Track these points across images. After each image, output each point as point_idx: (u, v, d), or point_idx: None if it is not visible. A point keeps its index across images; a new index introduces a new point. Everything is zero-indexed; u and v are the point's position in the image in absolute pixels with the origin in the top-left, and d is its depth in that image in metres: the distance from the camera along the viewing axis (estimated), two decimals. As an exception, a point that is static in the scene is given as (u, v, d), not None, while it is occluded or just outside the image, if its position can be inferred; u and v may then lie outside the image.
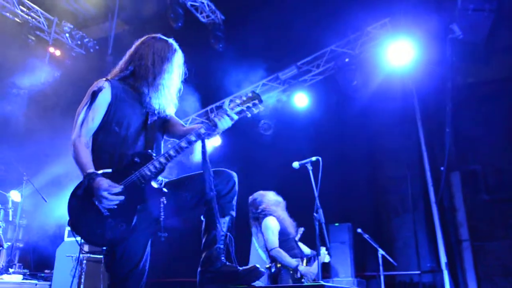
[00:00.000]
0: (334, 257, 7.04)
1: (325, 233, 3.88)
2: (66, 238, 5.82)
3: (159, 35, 2.67)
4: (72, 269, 5.03)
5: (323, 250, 4.22)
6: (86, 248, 5.38)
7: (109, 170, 2.24)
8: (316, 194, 4.03)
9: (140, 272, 2.30)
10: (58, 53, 9.82)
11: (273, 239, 4.23)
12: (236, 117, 2.43)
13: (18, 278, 4.89)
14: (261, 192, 4.71)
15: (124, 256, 2.25)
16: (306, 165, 4.12)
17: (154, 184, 2.29)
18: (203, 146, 2.39)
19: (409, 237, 7.92)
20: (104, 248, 2.24)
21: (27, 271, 5.73)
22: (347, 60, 8.33)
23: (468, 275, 7.12)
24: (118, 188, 2.17)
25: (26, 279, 4.90)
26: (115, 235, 2.14)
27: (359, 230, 6.52)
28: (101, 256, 5.66)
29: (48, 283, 5.45)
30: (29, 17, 9.65)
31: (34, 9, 9.66)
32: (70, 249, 5.42)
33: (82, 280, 4.93)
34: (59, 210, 6.88)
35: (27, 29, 9.62)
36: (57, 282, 5.21)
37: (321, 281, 3.68)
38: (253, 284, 2.25)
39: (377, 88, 8.11)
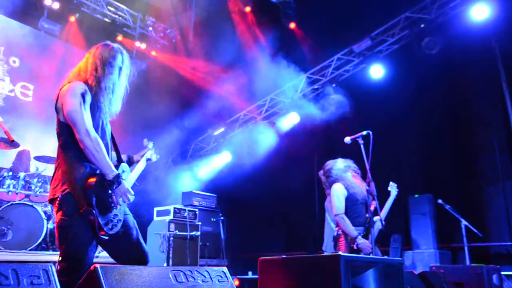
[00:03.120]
0: (415, 229, 6.96)
1: (378, 205, 3.95)
2: (155, 218, 6.43)
3: (104, 42, 2.80)
4: (160, 245, 5.62)
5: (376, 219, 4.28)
6: (172, 227, 5.96)
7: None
8: (367, 167, 4.06)
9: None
10: (143, 46, 10.50)
11: (338, 205, 4.35)
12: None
13: (105, 254, 5.57)
14: (329, 161, 4.81)
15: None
16: (357, 139, 4.15)
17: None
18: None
19: (501, 207, 7.54)
20: (107, 236, 2.47)
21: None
22: (422, 26, 8.00)
23: None
24: (133, 195, 2.59)
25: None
26: (119, 228, 2.53)
27: (439, 201, 6.37)
28: (186, 233, 6.22)
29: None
30: (116, 16, 10.44)
31: (120, 8, 10.42)
32: (158, 227, 6.04)
33: (171, 255, 5.48)
34: (149, 194, 7.61)
35: (115, 28, 10.43)
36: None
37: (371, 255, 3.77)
38: None
39: (457, 51, 7.70)
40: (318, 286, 2.15)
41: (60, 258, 2.36)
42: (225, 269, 2.13)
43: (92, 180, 2.39)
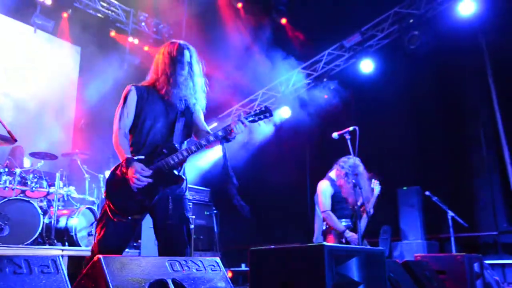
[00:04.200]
0: (403, 220, 7.16)
1: (364, 199, 4.12)
2: (150, 211, 6.54)
3: (171, 41, 3.02)
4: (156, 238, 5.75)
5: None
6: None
7: (142, 157, 2.74)
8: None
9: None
10: (136, 41, 10.56)
11: (324, 201, 4.54)
12: (248, 124, 2.78)
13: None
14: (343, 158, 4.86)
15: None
16: (344, 135, 4.31)
17: (175, 171, 2.75)
18: (223, 148, 2.84)
19: (488, 199, 7.75)
20: (130, 217, 2.70)
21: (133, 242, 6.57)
22: (411, 21, 8.16)
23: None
24: (148, 172, 2.68)
25: (127, 249, 5.70)
26: (139, 208, 2.68)
27: (427, 193, 6.55)
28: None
29: (138, 251, 6.25)
30: (109, 11, 10.48)
31: (113, 3, 10.46)
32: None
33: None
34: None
35: (108, 23, 10.48)
36: (145, 250, 5.99)
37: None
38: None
39: (445, 46, 7.87)
40: (305, 274, 2.30)
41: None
42: (217, 259, 2.27)
43: (107, 174, 2.72)
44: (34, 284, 1.52)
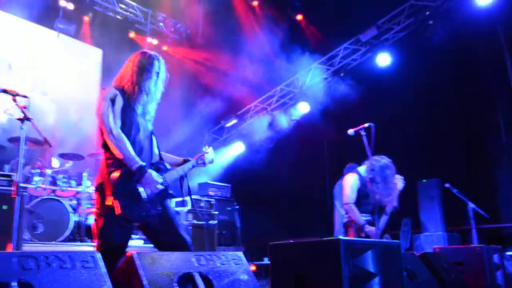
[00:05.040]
0: (423, 213, 7.20)
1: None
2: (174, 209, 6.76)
3: (141, 50, 3.09)
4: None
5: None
6: (190, 217, 6.30)
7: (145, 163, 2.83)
8: (369, 157, 4.33)
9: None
10: (155, 42, 10.79)
11: (350, 194, 4.64)
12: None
13: (139, 242, 5.94)
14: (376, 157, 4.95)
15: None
16: (360, 131, 4.40)
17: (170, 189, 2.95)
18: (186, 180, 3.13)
19: (509, 189, 7.71)
20: (135, 223, 2.80)
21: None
22: (427, 13, 8.16)
23: None
24: (161, 179, 2.80)
25: (146, 243, 5.91)
26: (145, 216, 2.74)
27: (447, 185, 6.58)
28: (203, 223, 6.56)
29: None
30: (128, 13, 10.72)
31: (131, 4, 10.69)
32: (177, 217, 6.37)
33: (190, 243, 5.82)
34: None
35: (127, 25, 10.73)
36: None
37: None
38: None
39: (462, 37, 7.83)
40: (322, 266, 2.44)
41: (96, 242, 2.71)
42: (240, 253, 2.42)
43: (116, 174, 2.70)
44: (77, 278, 1.70)
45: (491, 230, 7.31)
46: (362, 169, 4.89)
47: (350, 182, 4.74)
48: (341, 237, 2.38)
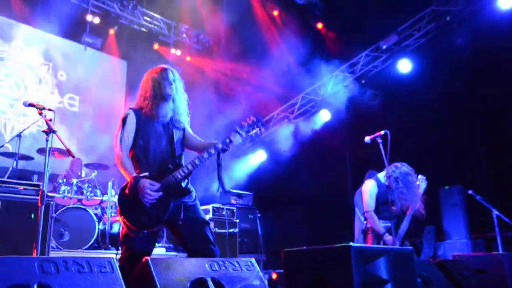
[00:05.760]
0: (447, 220, 7.10)
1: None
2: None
3: (157, 68, 3.24)
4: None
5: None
6: (212, 225, 6.39)
7: (147, 173, 2.94)
8: (386, 164, 4.34)
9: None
10: (178, 53, 11.01)
11: (369, 201, 4.65)
12: (245, 135, 3.10)
13: (161, 250, 6.08)
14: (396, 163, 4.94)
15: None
16: (376, 139, 4.41)
17: (182, 184, 3.02)
18: (219, 159, 3.08)
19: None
20: (146, 231, 2.90)
21: (171, 245, 6.95)
22: (448, 18, 8.10)
23: None
24: (157, 186, 2.90)
25: (168, 251, 6.05)
26: (154, 222, 2.88)
27: (470, 192, 6.49)
28: (225, 231, 6.65)
29: (185, 254, 6.59)
30: (152, 25, 11.00)
31: (155, 17, 10.97)
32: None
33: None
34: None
35: (152, 37, 11.00)
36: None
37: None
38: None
39: (484, 42, 7.73)
40: (334, 273, 2.48)
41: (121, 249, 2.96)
42: (252, 259, 2.50)
43: (122, 189, 2.99)
44: (94, 282, 1.81)
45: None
46: (381, 175, 4.90)
47: (368, 189, 4.77)
48: (352, 243, 2.43)
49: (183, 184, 3.03)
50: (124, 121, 3.08)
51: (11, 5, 8.50)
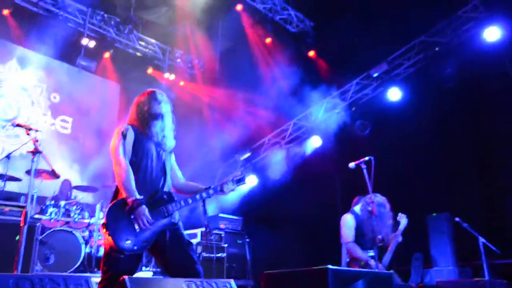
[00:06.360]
0: (434, 247, 7.12)
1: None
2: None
3: (146, 90, 3.35)
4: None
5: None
6: (199, 249, 6.37)
7: (141, 197, 2.95)
8: (370, 190, 4.40)
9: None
10: (172, 77, 11.13)
11: (349, 233, 4.72)
12: (235, 188, 3.30)
13: (148, 274, 6.03)
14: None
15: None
16: (360, 164, 4.49)
17: (171, 218, 3.06)
18: (204, 204, 3.23)
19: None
20: (126, 253, 2.87)
21: (159, 269, 6.88)
22: (437, 49, 8.31)
23: None
24: (152, 221, 2.92)
25: (155, 275, 6.00)
26: (138, 248, 2.89)
27: (457, 219, 6.53)
28: (213, 255, 6.61)
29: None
30: (147, 50, 11.16)
31: (150, 42, 11.14)
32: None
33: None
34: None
35: (146, 61, 11.14)
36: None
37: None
38: None
39: (471, 72, 7.92)
40: (312, 295, 2.51)
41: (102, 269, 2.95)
42: (231, 281, 2.52)
43: (112, 203, 2.96)
44: (69, 300, 1.83)
45: (505, 266, 7.15)
46: (357, 208, 5.02)
47: (345, 223, 4.91)
48: (329, 266, 2.46)
49: (172, 219, 3.07)
50: (124, 134, 3.09)
51: (7, 26, 8.62)
